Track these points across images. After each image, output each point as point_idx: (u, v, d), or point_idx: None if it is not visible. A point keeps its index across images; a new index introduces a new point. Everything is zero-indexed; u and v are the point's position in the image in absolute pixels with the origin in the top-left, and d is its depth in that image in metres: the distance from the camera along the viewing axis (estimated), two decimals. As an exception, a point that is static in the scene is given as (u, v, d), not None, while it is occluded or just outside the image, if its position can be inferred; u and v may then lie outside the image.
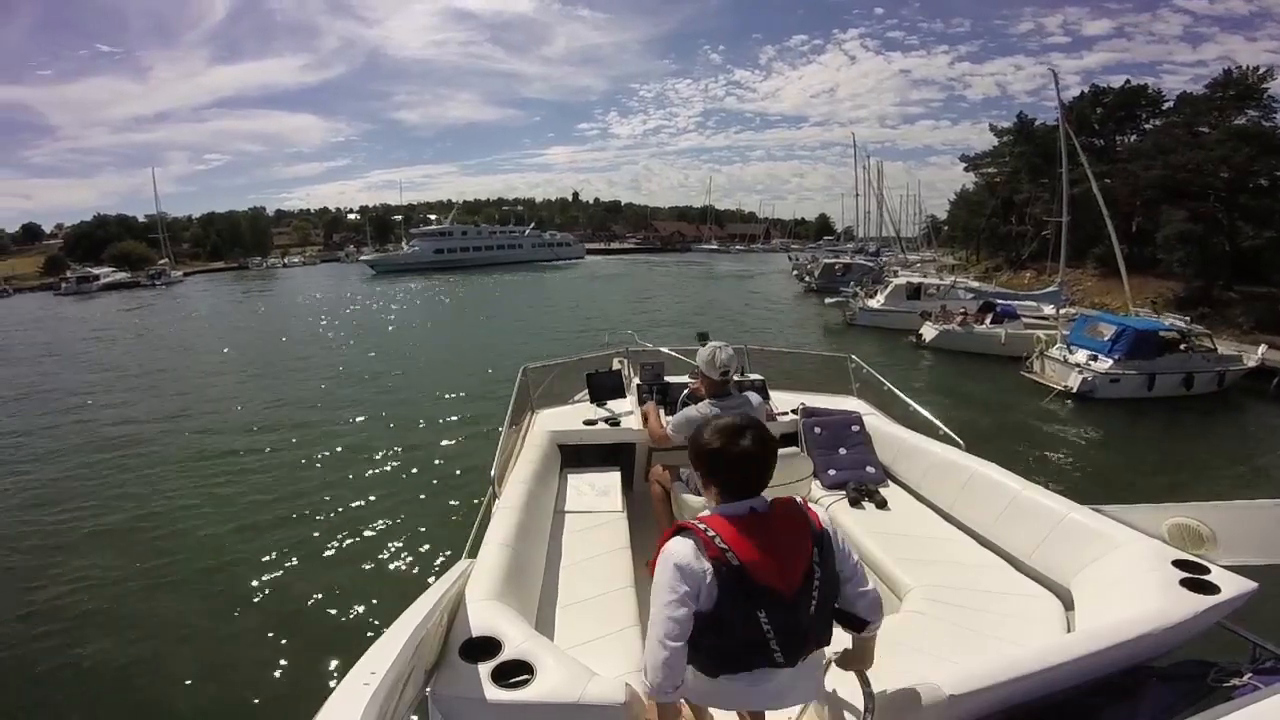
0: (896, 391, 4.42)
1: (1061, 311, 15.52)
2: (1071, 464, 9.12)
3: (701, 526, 1.45)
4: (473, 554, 2.37)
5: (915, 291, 20.50)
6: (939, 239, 54.20)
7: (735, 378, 3.28)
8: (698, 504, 2.68)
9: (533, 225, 74.39)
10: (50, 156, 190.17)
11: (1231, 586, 1.97)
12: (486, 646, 1.70)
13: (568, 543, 2.95)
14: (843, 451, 3.68)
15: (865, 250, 40.42)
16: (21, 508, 7.78)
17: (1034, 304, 17.70)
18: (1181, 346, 12.80)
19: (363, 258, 61.96)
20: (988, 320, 16.84)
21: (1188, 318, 16.02)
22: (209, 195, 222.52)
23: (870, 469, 3.61)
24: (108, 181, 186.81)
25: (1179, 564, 2.09)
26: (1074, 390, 12.08)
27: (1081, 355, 12.63)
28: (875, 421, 3.96)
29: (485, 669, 1.61)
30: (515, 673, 1.60)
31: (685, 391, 3.51)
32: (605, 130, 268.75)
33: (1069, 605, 2.32)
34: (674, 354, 4.84)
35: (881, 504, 3.31)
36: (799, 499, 1.55)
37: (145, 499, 7.75)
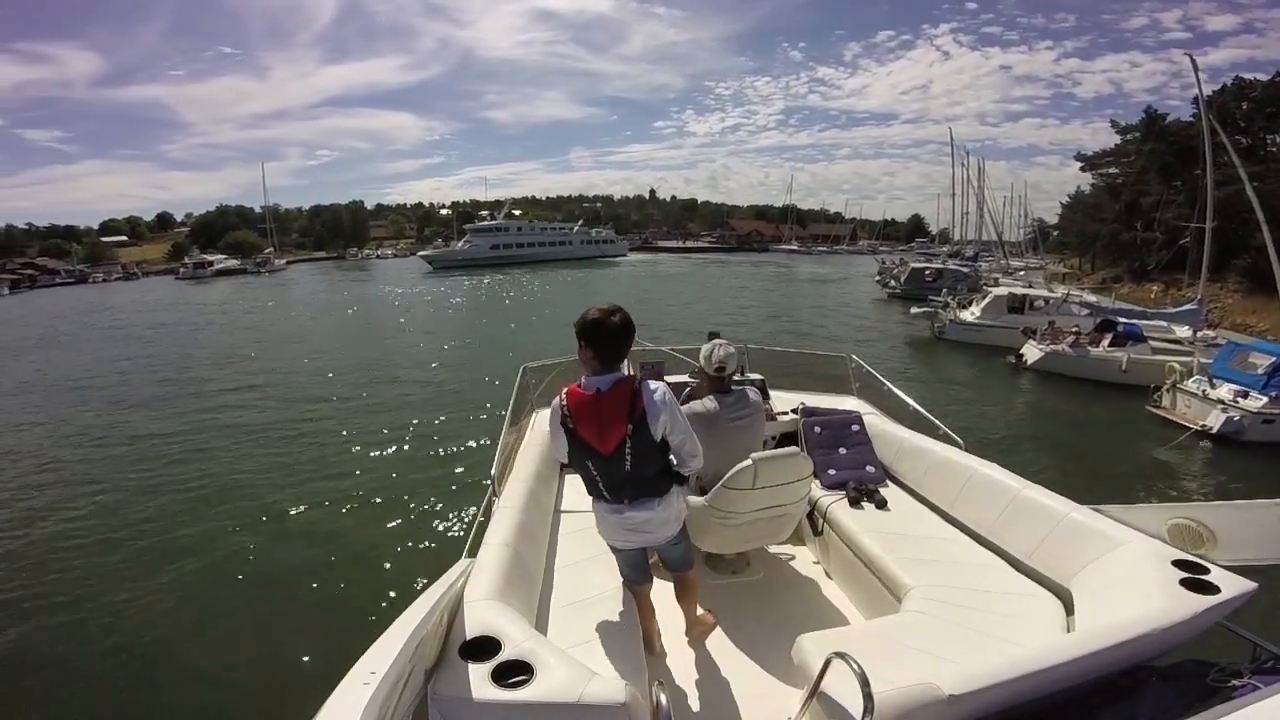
0: (896, 391, 4.39)
1: (1199, 335, 13.28)
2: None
3: (563, 400, 2.15)
4: (472, 553, 2.39)
5: (1019, 304, 18.11)
6: (1046, 245, 49.52)
7: (736, 376, 3.19)
8: (698, 503, 2.70)
9: (580, 222, 75.59)
10: (184, 151, 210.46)
11: (1231, 586, 1.94)
12: (486, 646, 1.69)
13: (568, 543, 2.99)
14: (843, 451, 3.67)
15: (961, 255, 37.49)
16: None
17: (1165, 324, 15.10)
18: (1359, 385, 10.54)
19: (420, 253, 62.00)
20: (1106, 342, 14.21)
21: (1365, 349, 13.32)
22: (320, 189, 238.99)
23: (870, 469, 3.58)
24: (233, 174, 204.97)
25: (1179, 564, 2.07)
26: (1214, 430, 10.10)
27: (1226, 390, 10.62)
28: (875, 421, 3.95)
29: (485, 669, 1.59)
30: (515, 673, 1.58)
31: (686, 391, 3.32)
32: (682, 128, 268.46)
33: (1069, 605, 2.28)
34: (675, 353, 4.86)
35: (881, 504, 3.27)
36: (638, 386, 2.10)
37: (134, 493, 7.92)
